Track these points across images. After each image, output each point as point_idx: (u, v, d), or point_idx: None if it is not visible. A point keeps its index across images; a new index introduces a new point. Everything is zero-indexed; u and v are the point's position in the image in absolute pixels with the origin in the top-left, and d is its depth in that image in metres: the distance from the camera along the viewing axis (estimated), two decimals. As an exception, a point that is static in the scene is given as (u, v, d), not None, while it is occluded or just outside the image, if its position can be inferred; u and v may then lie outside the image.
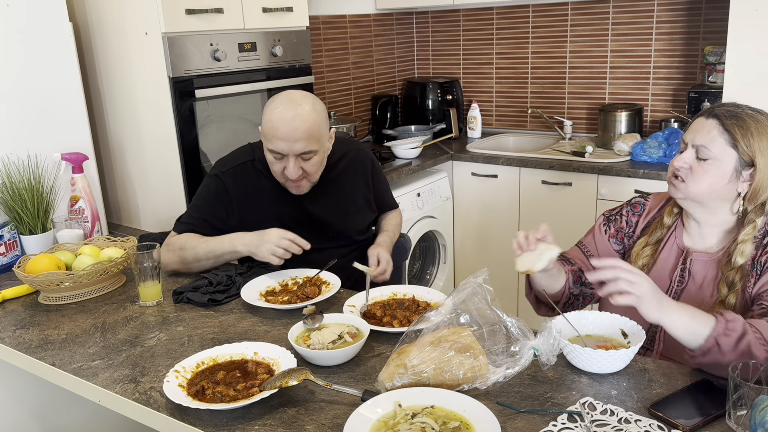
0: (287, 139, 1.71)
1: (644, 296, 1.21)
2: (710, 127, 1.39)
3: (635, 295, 1.21)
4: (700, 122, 1.42)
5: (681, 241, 1.51)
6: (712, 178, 1.39)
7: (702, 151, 1.39)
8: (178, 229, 1.88)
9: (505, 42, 3.70)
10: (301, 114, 1.71)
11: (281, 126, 1.70)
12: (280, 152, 1.74)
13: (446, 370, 1.19)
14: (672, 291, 1.48)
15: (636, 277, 1.22)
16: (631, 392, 1.20)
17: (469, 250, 3.44)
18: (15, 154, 2.01)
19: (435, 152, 3.34)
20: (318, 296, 1.66)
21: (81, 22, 2.35)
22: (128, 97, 2.33)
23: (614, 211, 1.66)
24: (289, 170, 1.75)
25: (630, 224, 1.62)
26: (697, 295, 1.45)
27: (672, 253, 1.51)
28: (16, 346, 1.50)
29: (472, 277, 1.30)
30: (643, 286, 1.22)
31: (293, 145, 1.71)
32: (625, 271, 1.23)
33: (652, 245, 1.54)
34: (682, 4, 3.14)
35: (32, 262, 1.74)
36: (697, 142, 1.40)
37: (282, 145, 1.72)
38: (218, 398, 1.21)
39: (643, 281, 1.22)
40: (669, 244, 1.52)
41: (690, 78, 3.19)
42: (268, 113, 1.74)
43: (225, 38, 2.31)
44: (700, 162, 1.40)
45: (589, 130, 3.53)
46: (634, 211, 1.62)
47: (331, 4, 3.41)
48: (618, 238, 1.63)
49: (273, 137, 1.72)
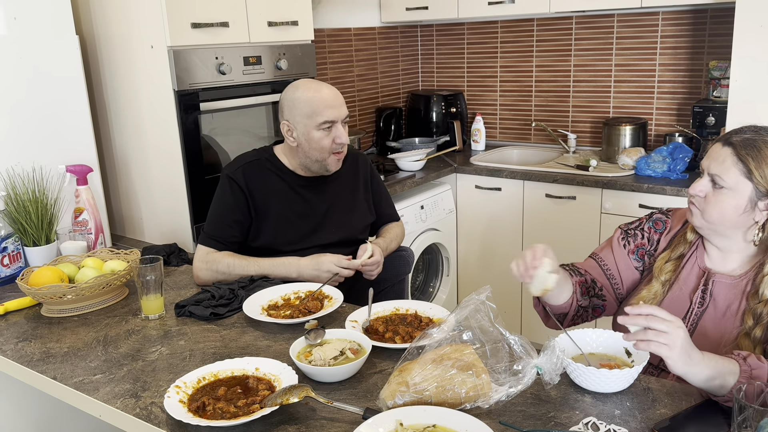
0: (335, 105, 1.88)
1: (675, 349, 1.15)
2: (725, 156, 1.36)
3: (666, 346, 1.15)
4: (716, 149, 1.39)
5: (702, 261, 1.48)
6: (727, 207, 1.36)
7: (717, 180, 1.37)
8: (211, 244, 1.90)
9: (509, 55, 3.70)
10: (330, 86, 1.91)
11: (325, 97, 1.87)
12: (333, 120, 1.87)
13: (448, 389, 1.19)
14: (692, 313, 1.45)
15: (670, 327, 1.16)
16: (634, 412, 1.19)
17: (473, 264, 3.44)
18: (20, 166, 2.02)
19: (439, 165, 3.34)
20: (320, 311, 1.66)
21: (87, 35, 2.36)
22: (133, 110, 2.34)
23: (632, 225, 1.63)
24: (342, 134, 1.89)
25: (652, 242, 1.58)
26: (718, 319, 1.42)
27: (693, 273, 1.48)
28: (18, 359, 1.50)
29: (475, 294, 1.29)
30: (677, 340, 1.15)
31: (340, 110, 1.89)
32: (660, 320, 1.17)
33: (674, 261, 1.50)
34: (686, 18, 3.14)
35: (35, 275, 1.74)
36: (713, 171, 1.38)
37: (332, 112, 1.87)
38: (219, 415, 1.20)
39: (677, 334, 1.16)
40: (690, 263, 1.49)
41: (694, 92, 3.19)
42: (302, 95, 1.87)
43: (230, 52, 2.32)
44: (716, 191, 1.38)
45: (593, 144, 3.53)
46: (656, 228, 1.59)
47: (336, 17, 3.43)
48: (638, 255, 1.59)
49: (323, 108, 1.86)
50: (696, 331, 1.44)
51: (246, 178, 1.93)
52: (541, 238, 3.13)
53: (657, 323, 1.17)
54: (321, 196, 1.99)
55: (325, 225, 1.99)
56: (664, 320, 1.17)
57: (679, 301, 1.47)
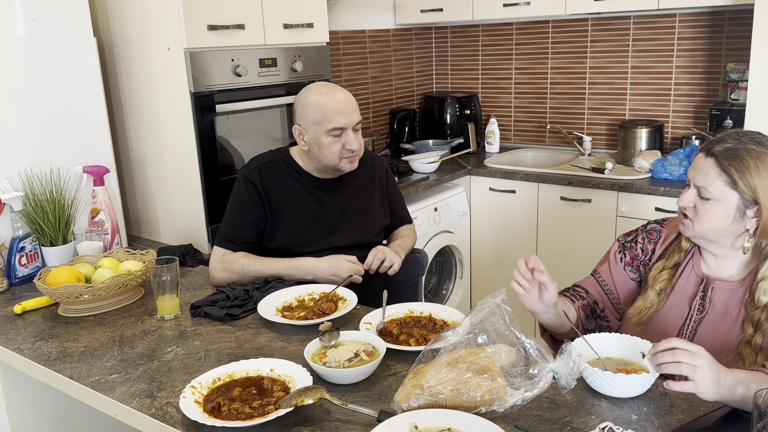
0: (345, 112, 1.85)
1: (704, 384, 1.13)
2: (708, 167, 1.35)
3: (694, 383, 1.14)
4: (700, 160, 1.38)
5: (699, 269, 1.48)
6: (716, 218, 1.36)
7: (703, 191, 1.36)
8: (228, 246, 1.91)
9: (524, 57, 3.69)
10: (343, 92, 1.89)
11: (337, 102, 1.85)
12: (342, 126, 1.85)
13: (463, 392, 1.18)
14: (691, 319, 1.45)
15: (697, 359, 1.14)
16: (651, 418, 1.18)
17: (486, 266, 3.42)
18: (38, 167, 2.04)
19: (452, 167, 3.33)
20: (334, 312, 1.66)
21: (105, 37, 2.38)
22: (150, 111, 2.36)
23: (629, 237, 1.63)
24: (352, 141, 1.87)
25: (646, 252, 1.59)
26: (718, 325, 1.42)
27: (690, 280, 1.48)
28: (35, 358, 1.52)
29: (490, 297, 1.29)
30: (705, 373, 1.13)
31: (351, 116, 1.86)
32: (684, 353, 1.16)
33: (670, 269, 1.50)
34: (704, 20, 3.11)
35: (52, 275, 1.76)
36: (698, 182, 1.37)
37: (342, 119, 1.84)
38: (234, 415, 1.20)
39: (703, 366, 1.14)
40: (687, 270, 1.49)
41: (712, 95, 3.16)
42: (313, 100, 1.86)
43: (246, 54, 2.33)
44: (703, 202, 1.37)
45: (608, 147, 3.51)
46: (650, 238, 1.59)
47: (351, 20, 3.44)
48: (634, 266, 1.60)
49: (334, 114, 1.84)
50: (696, 338, 1.43)
51: (262, 179, 1.93)
52: (556, 241, 3.11)
53: (684, 357, 1.15)
54: (336, 198, 1.99)
55: (340, 227, 1.99)
56: (688, 353, 1.16)
57: (676, 308, 1.47)
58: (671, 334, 1.46)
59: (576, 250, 3.05)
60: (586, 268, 2.91)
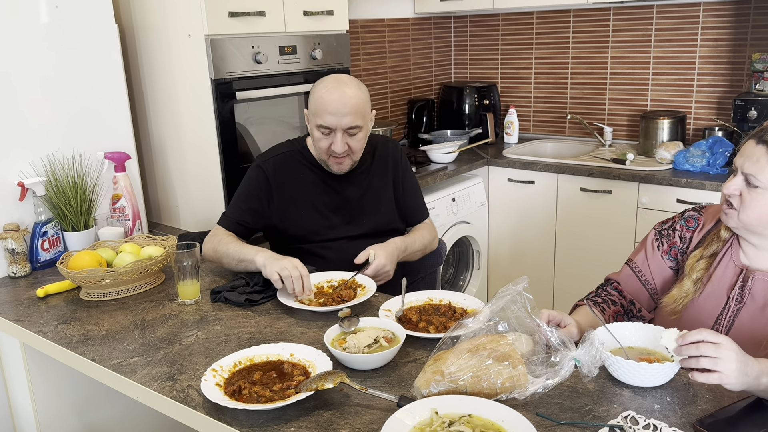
0: (336, 113, 1.79)
1: (731, 376, 1.13)
2: (759, 154, 1.33)
3: (720, 374, 1.13)
4: (749, 147, 1.36)
5: (738, 258, 1.45)
6: (763, 207, 1.33)
7: (751, 179, 1.34)
8: (223, 222, 1.95)
9: (544, 46, 3.65)
10: (348, 91, 1.81)
11: (331, 101, 1.79)
12: (329, 126, 1.81)
13: (484, 379, 1.18)
14: (728, 309, 1.43)
15: (721, 351, 1.14)
16: (675, 407, 1.17)
17: (504, 257, 3.41)
18: (60, 152, 2.06)
19: (471, 157, 3.31)
20: (353, 299, 1.66)
21: (126, 24, 2.39)
22: (170, 98, 2.36)
23: (666, 225, 1.60)
24: (336, 145, 1.83)
25: (684, 240, 1.56)
26: (757, 316, 1.39)
27: (729, 270, 1.45)
28: (58, 341, 1.53)
29: (512, 285, 1.28)
30: (730, 364, 1.13)
31: (341, 120, 1.80)
32: (709, 346, 1.15)
33: (707, 258, 1.48)
34: (729, 9, 3.06)
35: (74, 259, 1.77)
36: (747, 170, 1.34)
37: (331, 119, 1.80)
38: (254, 398, 1.21)
39: (728, 357, 1.13)
40: (725, 260, 1.46)
41: (736, 85, 3.11)
42: (317, 91, 1.84)
43: (266, 41, 2.33)
44: (751, 190, 1.34)
45: (629, 138, 3.47)
46: (688, 225, 1.56)
47: (370, 8, 3.42)
48: (672, 254, 1.57)
49: (323, 112, 1.80)
50: (733, 328, 1.41)
51: (275, 169, 1.94)
52: (575, 233, 3.09)
53: (709, 350, 1.14)
54: (351, 188, 1.99)
55: (355, 216, 1.99)
56: (714, 345, 1.14)
57: (713, 298, 1.44)
58: (707, 323, 1.44)
59: (596, 242, 3.02)
60: (605, 260, 2.90)
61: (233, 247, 1.83)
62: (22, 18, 1.94)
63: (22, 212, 1.99)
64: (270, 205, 1.94)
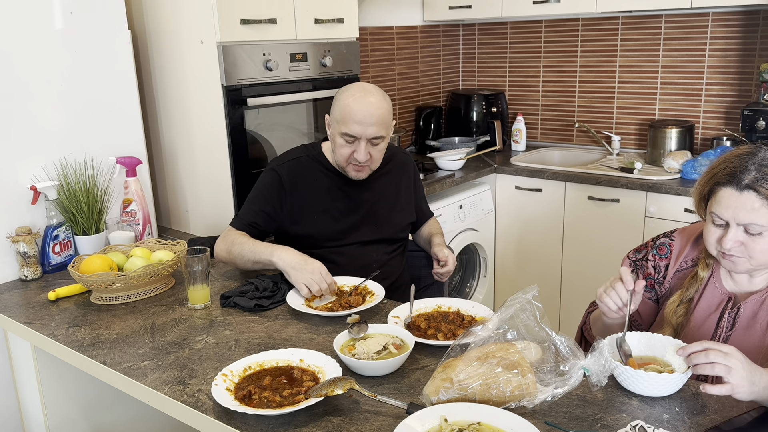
0: (363, 122, 1.81)
1: (738, 384, 1.14)
2: (751, 201, 1.29)
3: (730, 385, 1.14)
4: (734, 198, 1.31)
5: (722, 285, 1.44)
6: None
7: (751, 228, 1.30)
8: (235, 223, 1.96)
9: (552, 55, 3.66)
10: (375, 101, 1.83)
11: (358, 110, 1.81)
12: (354, 135, 1.83)
13: (493, 387, 1.18)
14: (720, 337, 1.42)
15: (729, 360, 1.15)
16: (683, 417, 1.17)
17: (511, 265, 3.41)
18: (72, 157, 2.08)
19: (478, 164, 3.32)
20: (362, 305, 1.67)
21: (139, 30, 2.42)
22: (181, 104, 2.38)
23: (640, 255, 1.58)
24: (360, 153, 1.85)
25: (659, 269, 1.54)
26: (748, 335, 1.39)
27: (714, 298, 1.44)
28: (69, 344, 1.55)
29: (521, 293, 1.28)
30: (737, 372, 1.14)
31: (367, 129, 1.82)
32: (717, 353, 1.16)
33: (686, 304, 1.46)
34: (737, 19, 3.07)
35: (86, 263, 1.79)
36: (743, 220, 1.30)
37: (357, 128, 1.82)
38: (264, 404, 1.22)
39: (736, 367, 1.14)
40: (709, 289, 1.45)
41: (744, 96, 3.11)
42: (343, 99, 1.85)
43: (277, 48, 2.35)
44: (753, 236, 1.31)
45: (637, 147, 3.47)
46: (660, 254, 1.54)
47: (379, 16, 3.44)
48: (648, 286, 1.55)
49: (349, 120, 1.82)
50: None
51: (290, 173, 1.95)
52: (582, 241, 3.09)
53: (718, 357, 1.15)
54: (365, 194, 2.00)
55: (368, 222, 2.00)
56: (721, 353, 1.16)
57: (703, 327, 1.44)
58: None
59: (603, 251, 3.02)
60: (612, 269, 2.89)
61: (247, 247, 1.84)
62: (38, 24, 1.96)
63: (34, 216, 2.01)
64: (283, 208, 1.95)
